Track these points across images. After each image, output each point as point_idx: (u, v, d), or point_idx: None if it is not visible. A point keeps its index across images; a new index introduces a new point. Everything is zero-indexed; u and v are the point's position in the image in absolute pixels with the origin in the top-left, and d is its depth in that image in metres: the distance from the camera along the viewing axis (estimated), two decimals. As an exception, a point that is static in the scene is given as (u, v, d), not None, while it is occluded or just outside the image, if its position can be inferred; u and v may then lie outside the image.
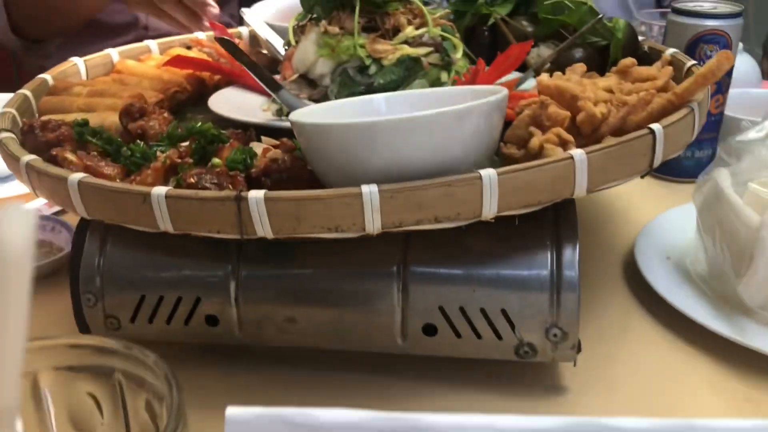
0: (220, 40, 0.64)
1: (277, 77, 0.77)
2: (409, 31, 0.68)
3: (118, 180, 0.53)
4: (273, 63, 0.89)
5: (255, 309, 0.55)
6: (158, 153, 0.53)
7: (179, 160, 0.52)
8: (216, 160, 0.51)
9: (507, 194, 0.46)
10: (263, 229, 0.45)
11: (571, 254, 0.53)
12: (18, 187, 0.89)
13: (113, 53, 0.85)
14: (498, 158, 0.58)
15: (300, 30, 0.72)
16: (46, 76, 0.75)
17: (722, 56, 0.55)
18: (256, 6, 0.95)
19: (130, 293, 0.56)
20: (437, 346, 0.54)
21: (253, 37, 0.93)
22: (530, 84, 0.71)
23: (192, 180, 0.47)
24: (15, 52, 1.45)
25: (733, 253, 0.60)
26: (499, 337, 0.53)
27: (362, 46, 0.67)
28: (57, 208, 0.84)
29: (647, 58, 0.79)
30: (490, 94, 0.51)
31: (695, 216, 0.68)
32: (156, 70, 0.81)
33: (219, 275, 0.55)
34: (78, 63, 0.81)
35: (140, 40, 1.49)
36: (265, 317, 0.55)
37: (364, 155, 0.46)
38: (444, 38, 0.70)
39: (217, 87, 0.82)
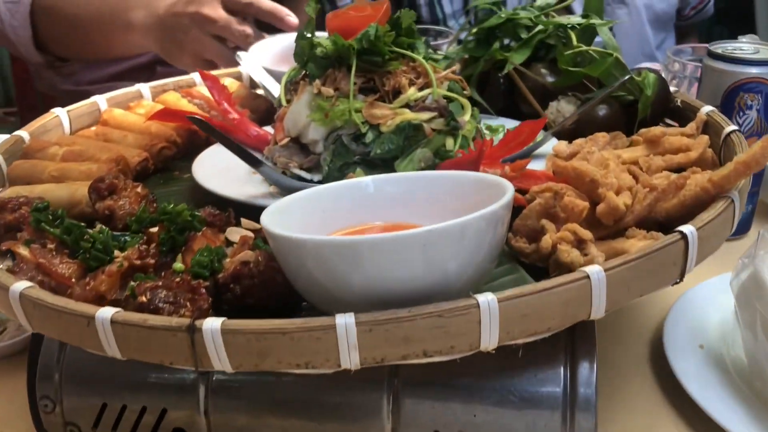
0: (193, 119, 0.57)
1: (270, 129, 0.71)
2: (411, 92, 0.61)
3: (73, 280, 0.47)
4: (272, 108, 0.82)
5: (227, 421, 0.49)
6: (116, 253, 0.47)
7: (138, 262, 0.46)
8: (178, 266, 0.45)
9: (510, 323, 0.39)
10: (221, 363, 0.38)
11: (588, 370, 0.46)
12: None
13: (101, 101, 0.79)
14: (507, 248, 0.51)
15: (293, 88, 0.66)
16: (23, 134, 0.70)
17: (767, 142, 0.47)
18: (255, 47, 0.88)
19: (91, 400, 0.50)
20: (432, 474, 0.47)
21: (253, 79, 0.87)
22: (550, 147, 0.64)
23: (144, 299, 0.41)
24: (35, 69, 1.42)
25: (778, 359, 0.52)
26: (503, 468, 0.46)
27: (358, 111, 0.60)
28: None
29: (680, 113, 0.71)
30: (494, 190, 0.44)
31: (733, 296, 0.60)
32: (143, 122, 0.75)
33: (186, 380, 0.49)
34: (60, 114, 0.75)
35: (157, 59, 1.47)
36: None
37: (343, 274, 0.39)
38: (450, 99, 0.63)
39: (209, 138, 0.76)
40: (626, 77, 0.64)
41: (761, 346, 0.55)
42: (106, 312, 0.39)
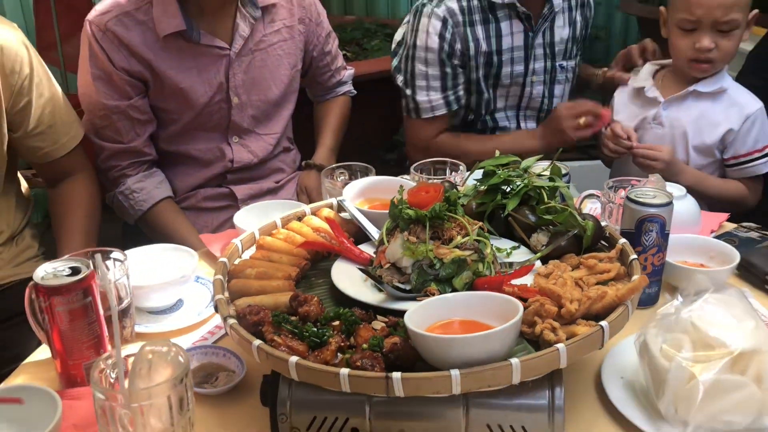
0: (363, 270, 1.06)
1: (364, 246, 1.20)
2: (458, 240, 1.10)
3: (307, 353, 0.94)
4: (359, 231, 1.31)
5: (380, 424, 0.97)
6: (329, 339, 0.95)
7: (342, 344, 0.94)
8: (364, 346, 0.94)
9: (525, 370, 0.88)
10: (399, 392, 0.87)
11: (559, 391, 0.95)
12: (166, 326, 1.30)
13: (256, 231, 1.27)
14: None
15: (390, 233, 1.15)
16: (224, 260, 1.17)
17: (642, 280, 0.98)
18: (348, 188, 1.38)
19: (307, 415, 0.97)
20: (485, 445, 0.96)
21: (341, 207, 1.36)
22: (537, 264, 1.14)
23: (359, 363, 0.89)
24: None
25: (654, 383, 1.02)
26: (520, 440, 0.95)
27: (431, 250, 1.09)
28: (222, 334, 1.26)
29: (609, 240, 1.22)
30: (512, 306, 0.94)
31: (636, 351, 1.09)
32: (287, 246, 1.23)
33: (359, 402, 0.96)
34: (237, 243, 1.23)
35: (227, 170, 1.96)
36: (387, 429, 0.97)
37: (445, 352, 0.88)
38: (479, 241, 1.12)
39: (325, 255, 1.25)
40: (575, 230, 1.15)
41: (648, 382, 1.04)
42: (345, 370, 0.87)
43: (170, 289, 1.33)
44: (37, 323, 1.18)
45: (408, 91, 2.07)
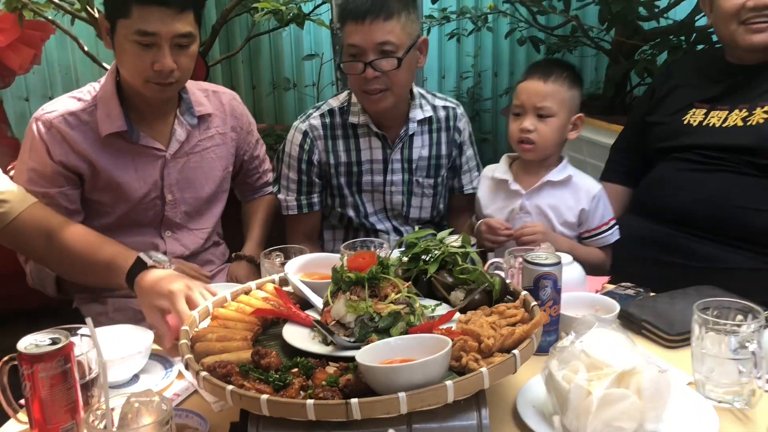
0: (317, 323, 1.25)
1: (309, 312, 1.39)
2: (393, 296, 1.32)
3: (273, 394, 1.11)
4: (302, 301, 1.49)
5: (338, 452, 1.13)
6: (292, 381, 1.12)
7: (303, 384, 1.11)
8: (323, 383, 1.11)
9: (458, 390, 1.08)
10: (357, 415, 1.04)
11: (485, 411, 1.15)
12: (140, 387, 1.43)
13: (209, 305, 1.44)
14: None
15: (333, 295, 1.34)
16: (186, 328, 1.32)
17: (542, 316, 1.22)
18: (288, 264, 1.57)
19: (274, 450, 1.13)
20: (428, 462, 1.14)
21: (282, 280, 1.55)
22: (456, 316, 1.36)
23: (321, 395, 1.06)
24: None
25: (560, 404, 1.24)
26: (456, 455, 1.13)
27: (370, 306, 1.29)
28: (180, 400, 1.39)
29: (513, 293, 1.47)
30: (443, 343, 1.14)
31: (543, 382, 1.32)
32: (239, 315, 1.40)
33: (318, 436, 1.13)
34: (195, 314, 1.39)
35: (121, 223, 2.08)
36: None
37: (391, 380, 1.07)
38: (410, 297, 1.34)
39: (274, 321, 1.42)
40: (485, 284, 1.39)
41: (555, 405, 1.26)
42: (310, 401, 1.05)
43: (128, 363, 1.45)
44: (6, 400, 1.28)
45: (275, 188, 2.32)
